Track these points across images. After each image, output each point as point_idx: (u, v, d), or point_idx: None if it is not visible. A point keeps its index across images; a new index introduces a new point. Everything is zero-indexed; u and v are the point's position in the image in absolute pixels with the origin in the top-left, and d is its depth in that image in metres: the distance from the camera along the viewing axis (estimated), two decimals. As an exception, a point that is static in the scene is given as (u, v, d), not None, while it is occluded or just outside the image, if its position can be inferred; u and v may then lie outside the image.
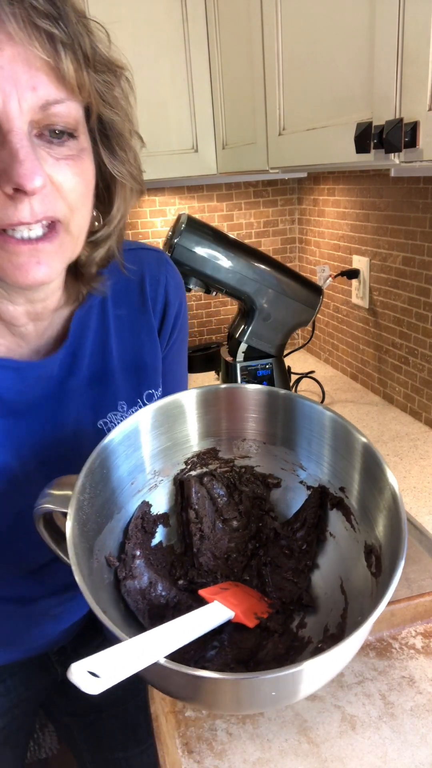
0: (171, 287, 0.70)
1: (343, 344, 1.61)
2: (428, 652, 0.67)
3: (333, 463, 0.60)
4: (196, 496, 0.63)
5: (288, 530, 0.62)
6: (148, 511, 0.61)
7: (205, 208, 1.72)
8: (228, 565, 0.62)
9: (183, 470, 0.64)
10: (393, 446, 1.19)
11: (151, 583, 0.57)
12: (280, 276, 1.22)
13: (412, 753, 0.56)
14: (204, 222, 1.20)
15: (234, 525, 0.64)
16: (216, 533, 0.63)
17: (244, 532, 0.64)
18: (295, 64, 0.92)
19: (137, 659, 0.39)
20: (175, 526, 0.64)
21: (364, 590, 0.51)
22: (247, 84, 1.10)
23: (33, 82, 0.43)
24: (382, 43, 0.66)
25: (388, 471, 0.52)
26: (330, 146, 0.81)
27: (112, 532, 0.57)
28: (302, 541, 0.62)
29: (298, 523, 0.62)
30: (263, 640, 0.55)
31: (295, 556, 0.61)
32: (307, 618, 0.58)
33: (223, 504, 0.64)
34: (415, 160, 0.64)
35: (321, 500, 0.62)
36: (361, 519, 0.57)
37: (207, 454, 0.64)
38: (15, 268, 0.48)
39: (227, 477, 0.65)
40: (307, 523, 0.62)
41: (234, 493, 0.65)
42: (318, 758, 0.56)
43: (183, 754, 0.58)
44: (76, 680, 0.36)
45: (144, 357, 0.68)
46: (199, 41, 1.26)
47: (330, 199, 1.55)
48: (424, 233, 1.17)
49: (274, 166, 1.05)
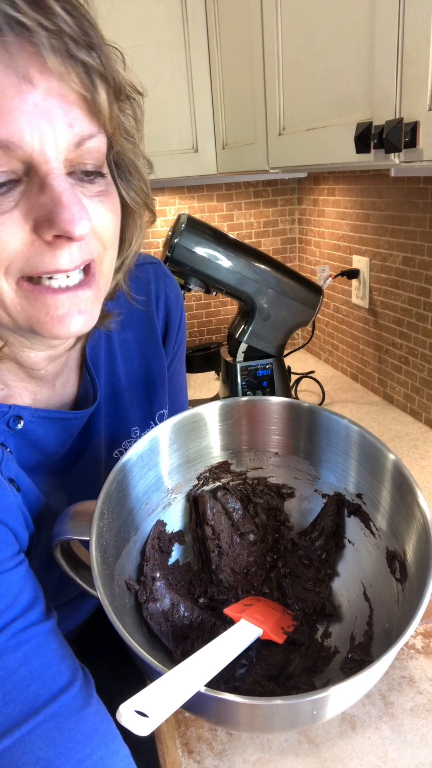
0: (171, 300, 0.69)
1: (343, 344, 1.61)
2: (428, 652, 0.67)
3: (357, 475, 0.59)
4: (211, 512, 0.62)
5: (306, 540, 0.62)
6: (163, 530, 0.61)
7: (205, 208, 1.72)
8: (248, 580, 0.61)
9: (196, 486, 0.63)
10: (393, 446, 1.19)
11: (173, 605, 0.56)
12: (280, 276, 1.22)
13: (412, 753, 0.56)
14: (204, 222, 1.19)
15: (251, 539, 0.63)
16: (234, 548, 0.63)
17: (262, 545, 0.63)
18: (295, 64, 0.92)
19: (181, 692, 0.39)
20: (191, 543, 0.63)
21: (389, 597, 0.50)
22: (247, 84, 1.10)
23: (69, 119, 0.39)
24: (382, 43, 0.66)
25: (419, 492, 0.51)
26: (330, 146, 0.81)
27: (129, 555, 0.56)
28: (321, 550, 0.61)
29: (315, 532, 0.62)
30: (290, 654, 0.55)
31: (315, 566, 0.61)
32: (331, 627, 0.59)
33: (239, 518, 0.63)
34: (415, 160, 0.64)
35: (338, 508, 0.61)
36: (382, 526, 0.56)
37: (219, 468, 0.63)
38: (54, 320, 0.43)
39: (240, 490, 0.64)
40: (325, 532, 0.61)
41: (249, 506, 0.64)
42: (318, 758, 0.56)
43: (183, 754, 0.58)
44: (127, 723, 0.36)
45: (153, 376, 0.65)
46: (199, 41, 1.26)
47: (330, 199, 1.55)
48: (424, 233, 1.17)
49: (274, 166, 1.05)
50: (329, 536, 0.61)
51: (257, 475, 0.64)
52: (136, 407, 0.64)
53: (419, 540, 0.49)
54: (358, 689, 0.44)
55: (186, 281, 1.20)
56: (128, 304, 0.65)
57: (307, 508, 0.63)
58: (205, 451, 0.62)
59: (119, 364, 0.63)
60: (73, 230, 0.39)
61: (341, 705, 0.45)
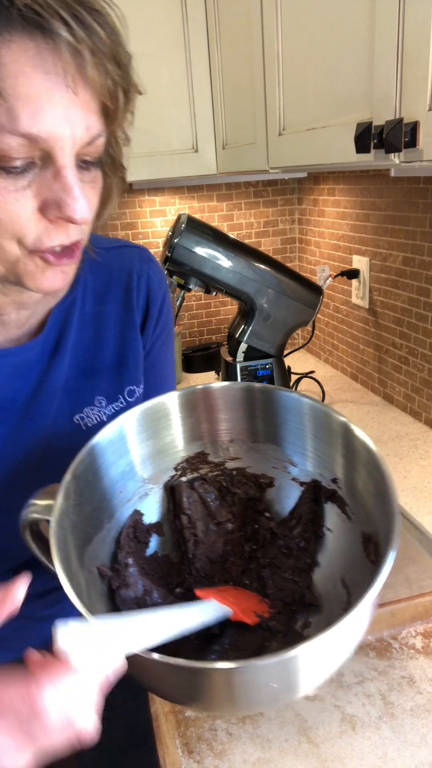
0: (154, 282, 0.71)
1: (343, 344, 1.61)
2: (428, 652, 0.67)
3: (318, 451, 0.59)
4: (187, 501, 0.62)
5: (284, 529, 0.61)
6: (140, 519, 0.60)
7: (205, 208, 1.72)
8: (225, 569, 0.61)
9: (173, 476, 0.63)
10: (393, 446, 1.19)
11: (146, 591, 0.55)
12: (280, 276, 1.22)
13: (412, 753, 0.56)
14: (204, 222, 1.19)
15: (228, 527, 0.63)
16: (210, 536, 0.62)
17: (240, 534, 0.63)
18: (295, 64, 0.92)
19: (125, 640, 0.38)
20: (170, 535, 0.63)
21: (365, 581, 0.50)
22: (247, 84, 1.10)
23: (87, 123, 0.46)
24: (382, 43, 0.66)
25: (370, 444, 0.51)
26: (330, 146, 0.81)
27: (103, 543, 0.56)
28: (300, 539, 0.60)
29: (293, 520, 0.61)
30: (266, 641, 0.54)
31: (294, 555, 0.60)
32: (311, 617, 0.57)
33: (216, 507, 0.63)
34: (415, 160, 0.64)
35: (315, 495, 0.60)
36: (354, 507, 0.56)
37: (196, 458, 0.63)
38: (41, 277, 0.51)
39: (219, 480, 0.64)
40: (302, 520, 0.61)
41: (226, 496, 0.64)
42: (318, 758, 0.56)
43: (183, 754, 0.58)
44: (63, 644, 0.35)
45: (126, 353, 0.68)
46: (199, 41, 1.26)
47: (330, 199, 1.55)
48: (424, 233, 1.17)
49: (274, 166, 1.05)
50: (307, 524, 0.60)
51: (235, 465, 0.64)
52: (105, 378, 0.66)
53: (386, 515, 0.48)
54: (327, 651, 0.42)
55: (186, 281, 1.20)
56: (107, 278, 0.67)
57: (286, 498, 0.63)
58: (179, 441, 0.61)
59: (93, 333, 0.65)
60: (78, 218, 0.46)
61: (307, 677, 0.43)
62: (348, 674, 0.65)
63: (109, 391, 0.66)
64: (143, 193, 1.66)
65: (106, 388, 0.66)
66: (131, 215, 1.68)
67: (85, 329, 0.64)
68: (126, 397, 0.67)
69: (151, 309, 0.70)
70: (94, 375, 0.65)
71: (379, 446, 1.18)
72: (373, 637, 0.70)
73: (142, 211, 1.68)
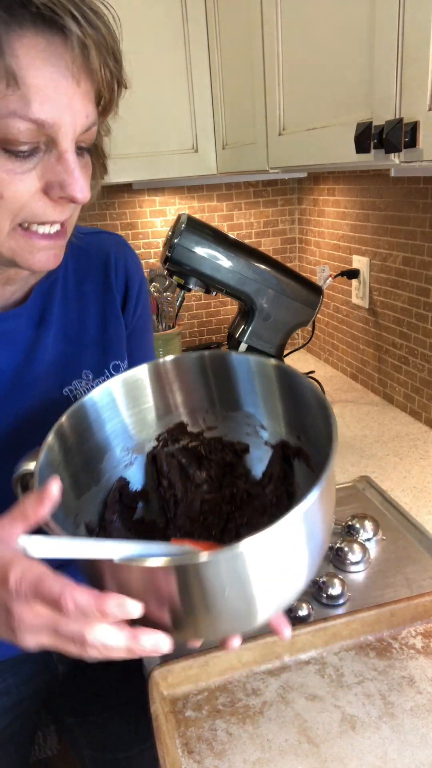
0: (131, 265, 0.75)
1: (343, 344, 1.61)
2: (428, 652, 0.67)
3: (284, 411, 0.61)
4: (167, 467, 0.65)
5: (258, 489, 0.65)
6: (125, 485, 0.62)
7: (205, 208, 1.72)
8: (205, 528, 0.64)
9: (155, 447, 0.65)
10: (393, 446, 1.19)
11: None
12: (280, 276, 1.22)
13: (412, 753, 0.56)
14: (204, 222, 1.19)
15: (205, 488, 0.66)
16: (189, 496, 0.66)
17: (217, 494, 0.66)
18: (295, 64, 0.92)
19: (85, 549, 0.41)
20: (155, 502, 0.65)
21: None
22: (247, 84, 1.10)
23: (86, 111, 0.50)
24: (382, 43, 0.66)
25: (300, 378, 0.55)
26: (330, 146, 0.81)
27: (91, 503, 0.58)
28: (272, 495, 0.63)
29: (266, 480, 0.65)
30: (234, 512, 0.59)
31: (268, 512, 0.63)
32: None
33: (195, 472, 0.67)
34: (415, 160, 0.64)
35: (284, 454, 0.63)
36: (316, 457, 0.57)
37: (176, 429, 0.66)
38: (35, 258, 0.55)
39: (198, 450, 0.67)
40: (274, 479, 0.64)
41: (203, 461, 0.67)
42: (318, 758, 0.56)
43: (183, 754, 0.58)
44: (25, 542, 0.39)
45: (109, 330, 0.71)
46: (199, 41, 1.26)
47: (330, 199, 1.55)
48: (424, 233, 1.17)
49: (274, 166, 1.05)
50: (278, 482, 0.63)
51: (213, 435, 0.66)
52: (90, 353, 0.69)
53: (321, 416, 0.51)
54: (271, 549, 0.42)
55: (186, 281, 1.20)
56: (87, 260, 0.72)
57: (260, 461, 0.66)
58: (159, 411, 0.64)
59: (76, 310, 0.69)
60: (79, 198, 0.51)
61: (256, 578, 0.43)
62: (348, 674, 0.65)
63: (95, 366, 0.69)
64: (143, 193, 1.66)
65: (91, 362, 0.69)
66: (131, 215, 1.68)
67: (69, 306, 0.68)
68: (111, 371, 0.71)
69: (130, 290, 0.74)
70: (79, 349, 0.68)
71: (379, 446, 1.18)
72: (373, 637, 0.70)
73: (142, 211, 1.68)
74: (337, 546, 0.83)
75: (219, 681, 0.66)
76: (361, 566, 0.81)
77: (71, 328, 0.68)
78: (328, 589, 0.75)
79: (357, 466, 1.12)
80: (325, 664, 0.67)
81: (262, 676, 0.66)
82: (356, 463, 1.12)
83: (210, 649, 0.66)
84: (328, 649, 0.69)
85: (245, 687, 0.65)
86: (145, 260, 1.73)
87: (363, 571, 0.81)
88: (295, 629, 0.68)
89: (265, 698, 0.63)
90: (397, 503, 0.95)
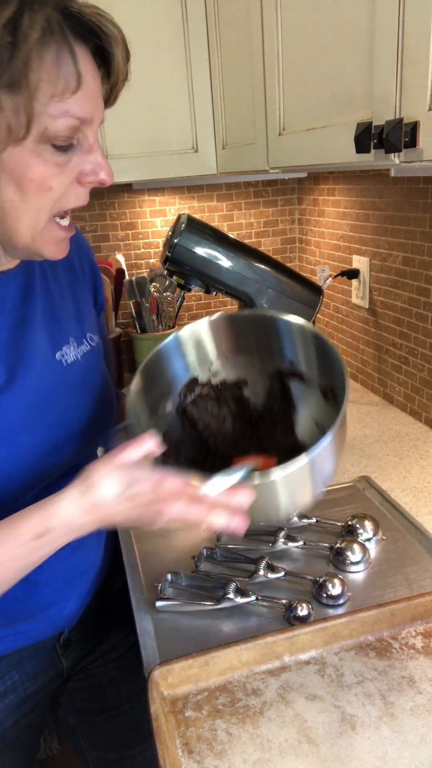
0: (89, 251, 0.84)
1: (343, 344, 1.61)
2: (428, 652, 0.67)
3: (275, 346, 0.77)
4: (199, 413, 0.80)
5: (267, 410, 0.81)
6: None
7: (205, 208, 1.72)
8: (239, 449, 0.78)
9: (180, 402, 0.78)
10: (393, 446, 1.19)
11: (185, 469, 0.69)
12: (280, 276, 1.22)
13: (412, 753, 0.56)
14: (204, 222, 1.19)
15: (230, 420, 0.81)
16: (221, 431, 0.81)
17: (240, 422, 0.81)
18: (295, 64, 0.92)
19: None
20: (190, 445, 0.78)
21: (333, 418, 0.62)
22: (247, 84, 1.10)
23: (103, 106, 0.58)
24: (382, 43, 0.66)
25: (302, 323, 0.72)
26: (330, 146, 0.81)
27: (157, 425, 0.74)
28: (278, 410, 0.80)
29: (270, 400, 0.80)
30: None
31: (279, 422, 0.80)
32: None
33: (216, 411, 0.81)
34: (415, 160, 0.64)
35: (280, 378, 0.78)
36: (309, 374, 0.75)
37: (191, 383, 0.79)
38: (57, 247, 0.61)
39: (212, 395, 0.81)
40: (277, 398, 0.80)
41: (221, 401, 0.81)
42: (318, 758, 0.56)
43: (183, 754, 0.58)
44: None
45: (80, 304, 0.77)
46: (199, 41, 1.26)
47: (330, 199, 1.55)
48: (424, 233, 1.17)
49: (274, 166, 1.05)
50: (281, 400, 0.80)
51: (219, 379, 0.81)
52: (71, 322, 0.74)
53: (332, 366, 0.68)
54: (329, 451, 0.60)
55: (186, 281, 1.20)
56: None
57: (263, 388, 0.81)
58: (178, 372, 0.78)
59: (53, 283, 0.74)
60: (108, 180, 0.59)
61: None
62: (348, 674, 0.65)
63: (77, 335, 0.75)
64: (143, 193, 1.66)
65: (73, 332, 0.74)
66: (131, 215, 1.68)
67: (47, 279, 0.73)
68: (89, 342, 0.76)
69: (96, 273, 0.83)
70: (62, 318, 0.73)
71: (379, 446, 1.18)
72: (373, 637, 0.70)
73: (142, 211, 1.68)
74: (337, 546, 0.83)
75: (219, 681, 0.66)
76: (361, 566, 0.81)
77: (53, 299, 0.73)
78: (329, 589, 0.75)
79: (357, 466, 1.12)
80: (325, 664, 0.67)
81: (262, 676, 0.66)
82: (356, 463, 1.12)
83: (210, 649, 0.66)
84: (328, 649, 0.69)
85: (245, 687, 0.65)
86: (145, 260, 1.73)
87: (363, 571, 0.81)
88: (295, 629, 0.68)
89: (265, 698, 0.63)
90: (397, 503, 0.95)
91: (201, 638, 0.71)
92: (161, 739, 0.58)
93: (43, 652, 0.80)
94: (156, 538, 0.92)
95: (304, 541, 0.86)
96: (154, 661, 0.68)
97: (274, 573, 0.79)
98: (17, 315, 0.67)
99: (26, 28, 0.48)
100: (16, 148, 0.52)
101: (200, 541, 0.90)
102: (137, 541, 0.91)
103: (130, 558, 0.87)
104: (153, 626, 0.74)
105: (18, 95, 0.49)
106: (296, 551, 0.86)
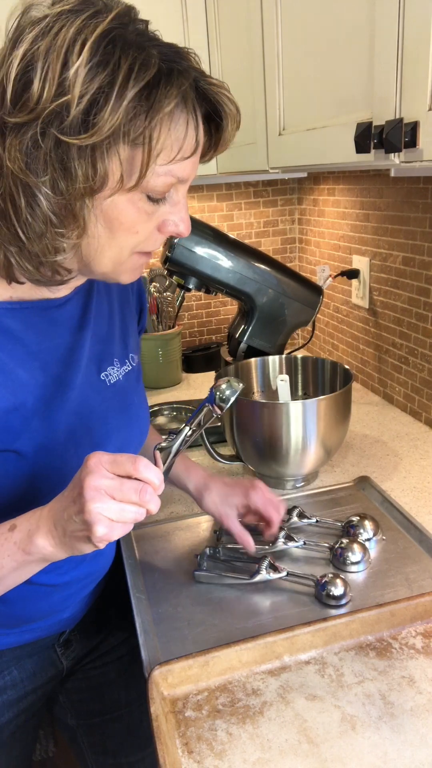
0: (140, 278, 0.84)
1: (343, 344, 1.61)
2: (428, 652, 0.67)
3: None
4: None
5: None
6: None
7: (205, 208, 1.72)
8: None
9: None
10: (393, 446, 1.19)
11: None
12: (280, 276, 1.22)
13: (412, 753, 0.56)
14: (204, 222, 1.19)
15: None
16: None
17: None
18: (295, 64, 0.92)
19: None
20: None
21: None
22: (247, 84, 1.10)
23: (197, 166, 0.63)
24: (382, 43, 0.66)
25: None
26: (330, 146, 0.81)
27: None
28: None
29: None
30: None
31: None
32: None
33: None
34: (415, 160, 0.64)
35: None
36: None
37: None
38: (132, 275, 0.65)
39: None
40: None
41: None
42: (318, 758, 0.56)
43: (183, 754, 0.58)
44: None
45: (127, 325, 0.80)
46: (199, 41, 1.26)
47: (330, 199, 1.55)
48: (424, 233, 1.17)
49: (274, 166, 1.05)
50: None
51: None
52: (116, 345, 0.77)
53: None
54: None
55: (186, 281, 1.20)
56: None
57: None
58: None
59: (105, 306, 0.76)
60: (186, 234, 0.63)
61: None
62: (348, 674, 0.65)
63: (120, 355, 0.77)
64: (143, 193, 1.66)
65: (118, 352, 0.76)
66: (131, 215, 1.68)
67: (101, 302, 0.75)
68: (131, 362, 0.79)
69: (143, 296, 0.86)
70: (109, 340, 0.75)
71: (379, 446, 1.19)
72: (373, 637, 0.70)
73: (142, 211, 1.68)
74: (337, 546, 0.83)
75: (219, 681, 0.66)
76: (361, 566, 0.81)
77: (104, 320, 0.75)
78: (331, 589, 0.75)
79: (357, 466, 1.12)
80: (325, 664, 0.67)
81: (262, 676, 0.66)
82: (356, 463, 1.12)
83: (210, 649, 0.66)
84: (328, 649, 0.69)
85: (245, 687, 0.65)
86: (145, 260, 1.73)
87: (363, 571, 0.81)
88: (295, 629, 0.68)
89: (265, 698, 0.63)
90: (397, 503, 0.95)
91: (201, 638, 0.72)
92: (161, 739, 0.58)
93: (43, 650, 0.81)
94: (156, 538, 0.92)
95: (304, 541, 0.86)
96: (154, 661, 0.68)
97: (276, 573, 0.79)
98: (75, 334, 0.70)
99: (161, 96, 0.51)
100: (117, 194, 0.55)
101: (200, 542, 0.90)
102: (137, 541, 0.91)
103: (130, 558, 0.87)
104: (153, 626, 0.74)
105: (138, 151, 0.52)
106: (296, 551, 0.86)
